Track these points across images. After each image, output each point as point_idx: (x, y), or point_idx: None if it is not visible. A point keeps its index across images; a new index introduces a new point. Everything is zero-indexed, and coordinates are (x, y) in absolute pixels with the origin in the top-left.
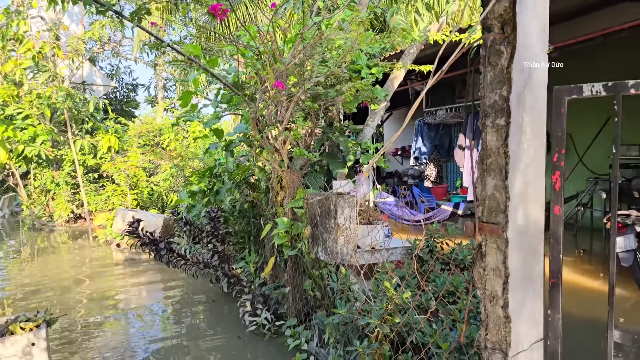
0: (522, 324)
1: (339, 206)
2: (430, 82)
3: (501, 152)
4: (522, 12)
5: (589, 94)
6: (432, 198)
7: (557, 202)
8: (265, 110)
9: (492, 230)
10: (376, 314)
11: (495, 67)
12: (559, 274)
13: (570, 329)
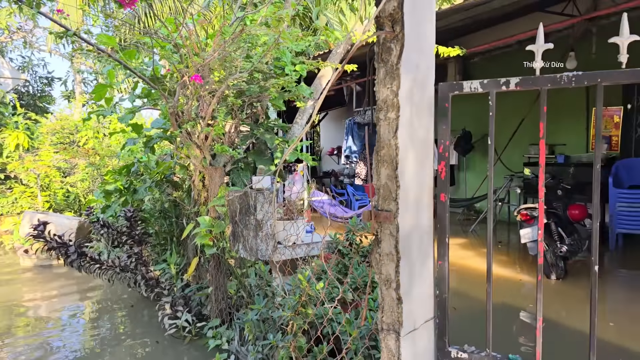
0: (413, 304)
1: (258, 202)
2: (328, 84)
3: (392, 144)
4: (411, 12)
5: (469, 90)
6: (366, 196)
7: (443, 189)
8: (186, 105)
9: (385, 218)
10: (289, 307)
11: (386, 63)
12: (446, 256)
13: (484, 314)
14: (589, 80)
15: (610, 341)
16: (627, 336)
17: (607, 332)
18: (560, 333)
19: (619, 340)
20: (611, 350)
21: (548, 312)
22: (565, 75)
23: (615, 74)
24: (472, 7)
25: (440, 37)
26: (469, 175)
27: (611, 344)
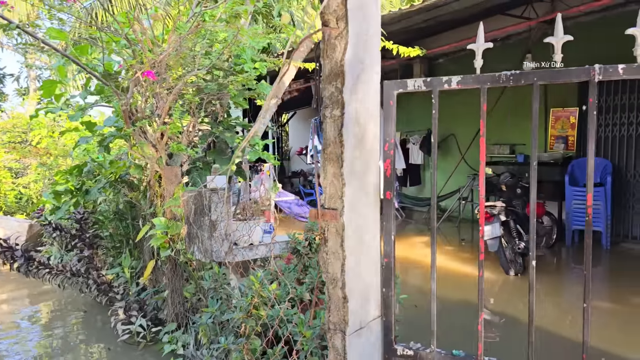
0: (359, 303)
1: (213, 202)
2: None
3: (337, 142)
4: (355, 9)
5: (412, 88)
6: None
7: (388, 187)
8: (142, 102)
9: (331, 216)
10: (242, 309)
11: (331, 60)
12: (392, 254)
13: (446, 312)
14: (526, 79)
15: (566, 336)
16: (578, 329)
17: (562, 326)
18: (519, 327)
19: (573, 334)
20: (567, 344)
21: (507, 308)
22: (503, 74)
23: (549, 73)
24: (433, 8)
25: (405, 37)
26: (438, 173)
27: (566, 339)
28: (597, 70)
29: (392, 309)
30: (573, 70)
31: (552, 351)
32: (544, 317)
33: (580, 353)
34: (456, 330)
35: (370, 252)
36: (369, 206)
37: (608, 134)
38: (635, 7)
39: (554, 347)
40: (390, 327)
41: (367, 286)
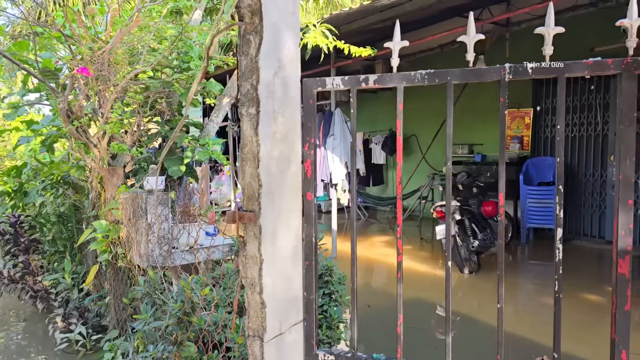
0: (278, 308)
1: (149, 204)
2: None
3: (254, 141)
4: (270, 3)
5: (331, 86)
6: None
7: (309, 188)
8: (82, 100)
9: (249, 219)
10: (172, 315)
11: (247, 56)
12: (313, 256)
13: (407, 311)
14: (440, 78)
15: (516, 332)
16: (525, 323)
17: (512, 321)
18: (473, 325)
19: (522, 331)
20: (517, 340)
21: (460, 306)
22: (418, 73)
23: (462, 72)
24: (387, 8)
25: (369, 36)
26: (396, 174)
27: (517, 335)
28: (507, 69)
29: (314, 313)
30: (485, 69)
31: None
32: (493, 312)
33: (530, 352)
34: (406, 330)
35: (290, 256)
36: (289, 208)
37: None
38: (584, 10)
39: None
40: (312, 331)
41: (288, 291)
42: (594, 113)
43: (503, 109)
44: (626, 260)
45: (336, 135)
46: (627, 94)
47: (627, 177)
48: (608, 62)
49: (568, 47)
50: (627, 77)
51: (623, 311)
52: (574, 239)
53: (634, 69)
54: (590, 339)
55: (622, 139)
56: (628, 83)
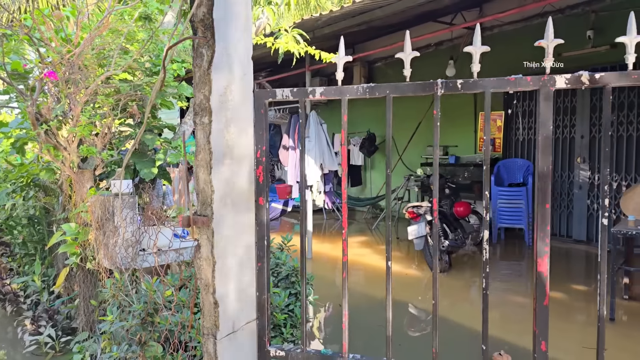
0: (231, 307)
1: (117, 207)
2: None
3: (207, 149)
4: (222, 19)
5: (281, 97)
6: (276, 197)
7: (261, 194)
8: (51, 103)
9: (202, 223)
10: (138, 316)
11: (200, 68)
12: (265, 258)
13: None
14: (380, 92)
15: (479, 328)
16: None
17: (477, 318)
18: (443, 323)
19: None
20: (479, 335)
21: (429, 305)
22: (361, 86)
23: (401, 86)
24: (357, 14)
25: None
26: (374, 175)
27: (479, 331)
28: (439, 84)
29: (267, 311)
30: (419, 84)
31: (459, 343)
32: (462, 310)
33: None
34: (375, 328)
35: (243, 257)
36: (240, 212)
37: (531, 137)
38: (553, 17)
39: (463, 340)
40: (264, 329)
41: (241, 290)
42: (562, 116)
43: (436, 120)
44: (544, 259)
45: (311, 137)
46: (544, 107)
47: (544, 183)
48: (527, 79)
49: (538, 52)
50: (544, 93)
51: (542, 306)
52: None
53: (550, 86)
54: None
55: (541, 147)
56: (545, 98)
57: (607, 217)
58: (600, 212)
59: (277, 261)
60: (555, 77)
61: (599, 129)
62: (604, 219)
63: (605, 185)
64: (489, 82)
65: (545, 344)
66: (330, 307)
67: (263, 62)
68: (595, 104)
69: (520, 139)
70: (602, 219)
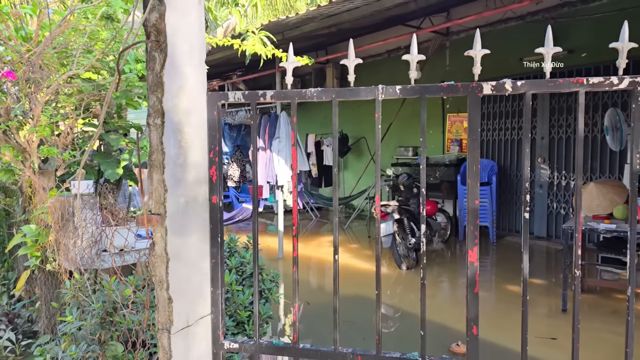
0: (185, 302)
1: (76, 208)
2: None
3: (159, 149)
4: (174, 24)
5: (233, 99)
6: (249, 197)
7: (214, 192)
8: (11, 103)
9: (156, 221)
10: (97, 315)
11: (152, 71)
12: (218, 255)
13: (343, 305)
14: (326, 95)
15: (441, 321)
16: (451, 313)
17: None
18: (410, 319)
19: (447, 318)
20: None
21: (398, 300)
22: (308, 90)
23: (344, 91)
24: (325, 17)
25: (317, 40)
26: (347, 175)
27: (442, 324)
28: (380, 90)
29: (220, 306)
30: (362, 89)
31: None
32: (429, 306)
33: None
34: (341, 323)
35: (196, 255)
36: (194, 211)
37: (495, 138)
38: (514, 23)
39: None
40: (218, 323)
41: (195, 286)
42: (524, 119)
43: (378, 123)
44: (474, 250)
45: (282, 137)
46: (472, 112)
47: (473, 181)
48: (458, 85)
49: (500, 56)
50: (472, 99)
51: (473, 293)
52: (507, 235)
53: (478, 92)
54: (506, 324)
55: (470, 149)
56: (473, 104)
57: (528, 212)
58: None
59: (242, 260)
60: (483, 84)
61: (558, 131)
62: (526, 213)
63: (526, 183)
64: (424, 89)
65: (477, 328)
66: (301, 305)
67: (235, 62)
68: (554, 107)
69: (486, 139)
70: (524, 213)
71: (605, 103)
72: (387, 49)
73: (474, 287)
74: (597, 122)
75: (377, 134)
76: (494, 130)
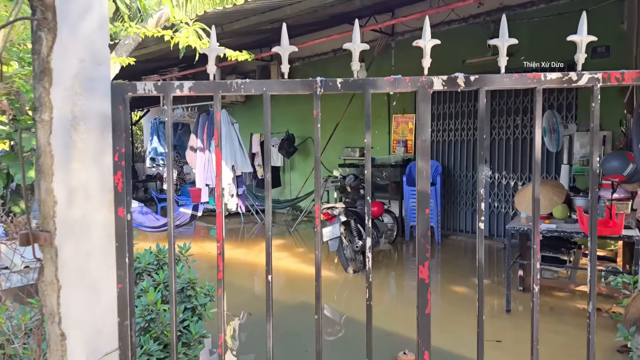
0: (84, 338)
1: None
2: None
3: (47, 151)
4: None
5: (142, 91)
6: (189, 201)
7: (121, 203)
8: None
9: (44, 240)
10: None
11: (39, 55)
12: (126, 278)
13: (286, 315)
14: (256, 88)
15: (386, 327)
16: (398, 317)
17: (386, 316)
18: (354, 324)
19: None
20: (386, 335)
21: (344, 306)
22: (234, 82)
23: (276, 83)
24: (267, 10)
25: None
26: (294, 176)
27: (387, 330)
28: (319, 83)
29: (130, 339)
30: (298, 81)
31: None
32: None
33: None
34: (283, 335)
35: (98, 280)
36: (94, 227)
37: (440, 139)
38: (457, 25)
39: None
40: (127, 358)
41: (97, 318)
42: (466, 120)
43: (317, 122)
44: (425, 266)
45: (222, 137)
46: (422, 109)
47: (424, 187)
48: (406, 79)
49: (444, 58)
50: (422, 94)
51: (424, 314)
52: (451, 234)
53: (428, 88)
54: (451, 328)
55: (420, 152)
56: (423, 100)
57: (482, 222)
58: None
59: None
60: (433, 79)
61: (499, 132)
62: (481, 223)
63: (481, 189)
64: (368, 82)
65: (428, 354)
66: (244, 315)
67: (172, 57)
68: (495, 108)
69: (431, 140)
70: (478, 222)
71: (543, 106)
72: (332, 47)
73: (425, 307)
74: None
75: (316, 133)
76: (438, 131)
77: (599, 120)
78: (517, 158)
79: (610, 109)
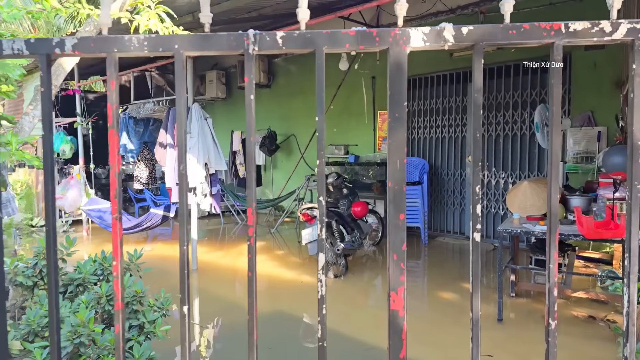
0: None
1: None
2: None
3: None
4: None
5: (10, 52)
6: (167, 201)
7: None
8: None
9: None
10: None
11: None
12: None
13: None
14: (164, 47)
15: (362, 337)
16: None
17: (366, 324)
18: (333, 334)
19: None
20: (360, 343)
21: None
22: (134, 37)
23: (194, 39)
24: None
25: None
26: (276, 175)
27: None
28: (251, 38)
29: None
30: (224, 35)
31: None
32: (357, 320)
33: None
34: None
35: None
36: None
37: (426, 136)
38: (445, 17)
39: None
40: None
41: None
42: (453, 115)
43: (249, 92)
44: (399, 293)
45: (193, 133)
46: (395, 77)
47: (399, 188)
48: (373, 32)
49: (430, 51)
50: (395, 53)
51: (398, 359)
52: (439, 235)
53: (403, 44)
54: (439, 339)
55: (392, 133)
56: (397, 61)
57: (478, 232)
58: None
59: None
60: (410, 31)
61: (488, 128)
62: (476, 233)
63: (477, 186)
64: (320, 37)
65: None
66: (219, 322)
67: None
68: (484, 103)
69: (417, 138)
70: (473, 233)
71: (534, 100)
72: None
73: (400, 350)
74: (526, 120)
75: (249, 113)
76: (424, 128)
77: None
78: (508, 156)
79: (604, 103)
